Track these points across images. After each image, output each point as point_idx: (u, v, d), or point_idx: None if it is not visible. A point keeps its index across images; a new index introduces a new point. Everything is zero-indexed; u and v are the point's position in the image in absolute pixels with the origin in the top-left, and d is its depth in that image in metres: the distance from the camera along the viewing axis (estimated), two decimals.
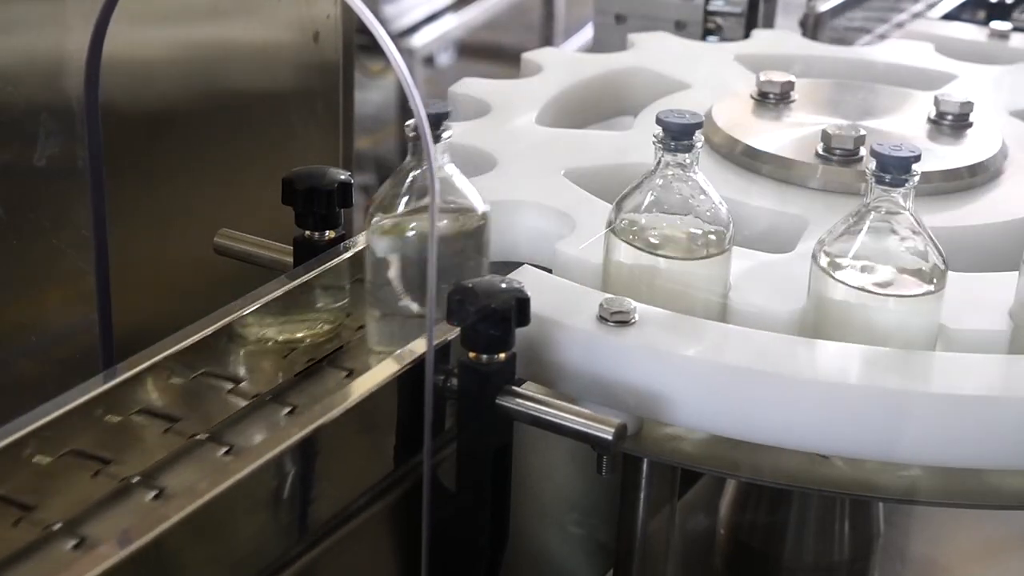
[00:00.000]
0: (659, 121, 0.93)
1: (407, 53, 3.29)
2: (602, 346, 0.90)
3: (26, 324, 1.17)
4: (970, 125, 1.17)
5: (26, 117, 1.11)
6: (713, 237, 0.94)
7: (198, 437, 0.85)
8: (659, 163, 0.94)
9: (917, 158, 0.90)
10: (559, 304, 0.92)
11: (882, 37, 1.73)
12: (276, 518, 0.82)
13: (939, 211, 1.07)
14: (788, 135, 1.15)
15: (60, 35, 1.11)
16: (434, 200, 0.84)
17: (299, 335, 0.96)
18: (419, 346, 0.90)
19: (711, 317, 0.93)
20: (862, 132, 1.11)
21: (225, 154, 1.30)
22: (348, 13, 1.38)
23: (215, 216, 1.15)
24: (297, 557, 0.85)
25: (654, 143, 0.94)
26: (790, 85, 1.22)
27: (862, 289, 0.90)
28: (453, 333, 0.88)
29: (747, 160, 1.13)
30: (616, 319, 0.90)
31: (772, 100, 1.21)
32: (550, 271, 0.99)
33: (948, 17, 1.76)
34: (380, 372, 0.88)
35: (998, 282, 0.97)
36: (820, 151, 1.11)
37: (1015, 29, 1.56)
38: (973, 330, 0.92)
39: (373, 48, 0.80)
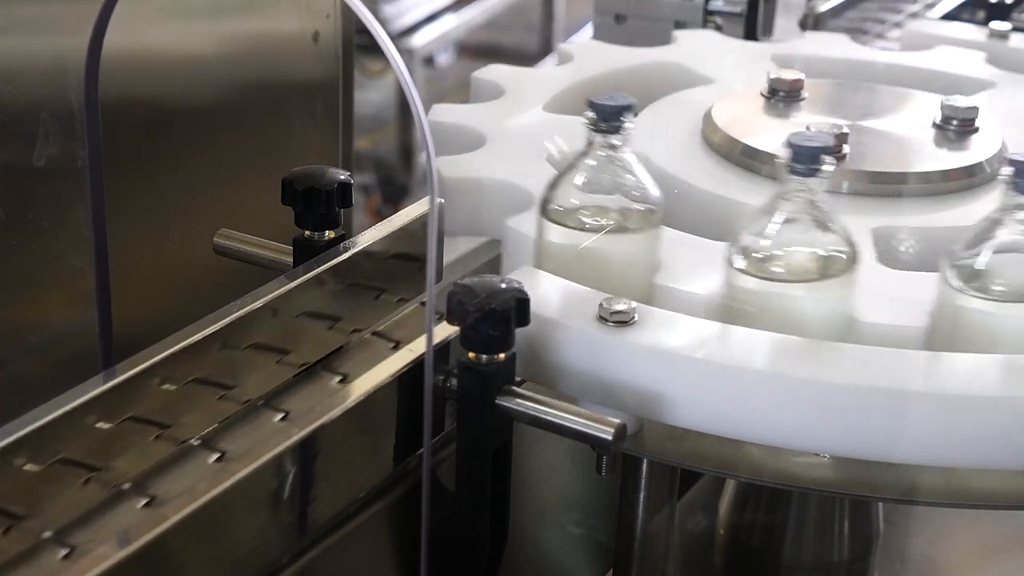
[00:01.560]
0: (590, 104, 0.95)
1: (407, 53, 3.29)
2: (602, 346, 0.90)
3: (26, 324, 1.16)
4: (976, 130, 1.16)
5: (26, 117, 1.11)
6: (641, 213, 0.95)
7: (191, 442, 0.85)
8: (590, 144, 0.96)
9: (827, 149, 0.90)
10: (559, 304, 0.92)
11: (880, 36, 1.73)
12: (276, 519, 0.83)
13: (938, 211, 1.07)
14: (780, 135, 1.15)
15: (60, 35, 1.11)
16: (434, 200, 0.84)
17: None
18: (419, 346, 0.90)
19: (637, 298, 0.93)
20: (844, 131, 1.12)
21: (225, 154, 1.30)
22: (348, 13, 1.38)
23: (215, 216, 1.15)
24: (297, 557, 0.85)
25: (585, 124, 0.96)
26: (799, 84, 1.22)
27: (770, 278, 0.91)
28: (453, 333, 0.88)
29: (745, 160, 1.13)
30: (616, 319, 0.90)
31: (781, 98, 1.21)
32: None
33: (948, 17, 1.76)
34: (379, 372, 0.88)
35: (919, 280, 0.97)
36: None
37: (1015, 29, 1.56)
38: (884, 324, 0.93)
39: (373, 48, 0.80)
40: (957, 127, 1.16)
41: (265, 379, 0.91)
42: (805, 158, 0.91)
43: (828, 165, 0.91)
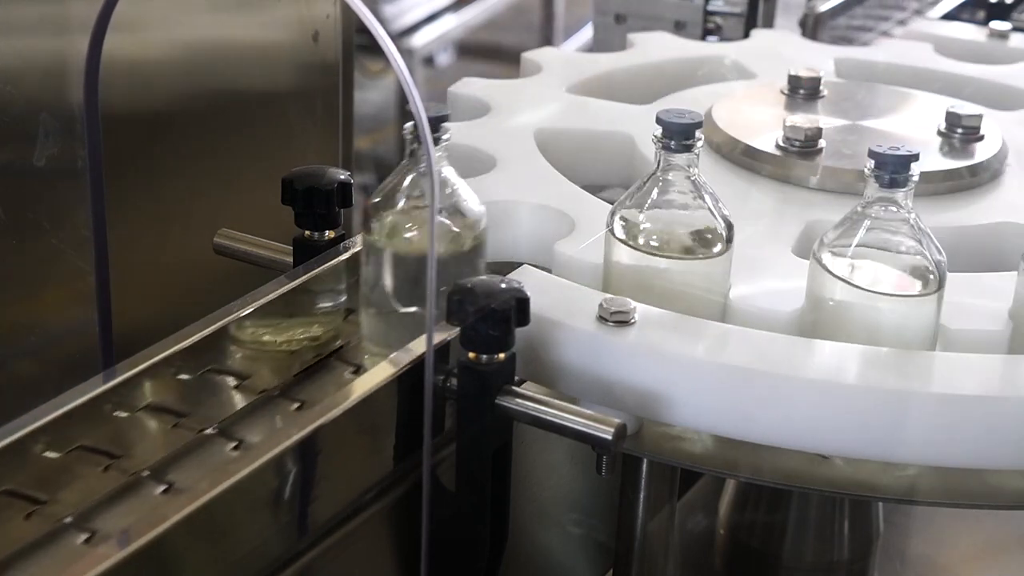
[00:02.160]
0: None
1: (407, 53, 3.29)
2: (602, 346, 0.90)
3: (26, 324, 1.17)
4: (981, 138, 1.15)
5: (26, 117, 1.11)
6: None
7: (206, 432, 0.85)
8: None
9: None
10: (559, 304, 0.92)
11: (883, 35, 1.73)
12: (276, 517, 0.82)
13: (939, 212, 1.07)
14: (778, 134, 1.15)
15: (60, 35, 1.11)
16: (434, 200, 0.84)
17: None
18: (419, 346, 0.90)
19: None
20: (818, 125, 1.12)
21: (225, 154, 1.30)
22: (348, 13, 1.38)
23: (215, 216, 1.15)
24: (297, 556, 0.85)
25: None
26: (817, 82, 1.22)
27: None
28: (453, 333, 0.88)
29: (746, 159, 1.13)
30: (616, 319, 0.90)
31: (801, 95, 1.22)
32: (549, 271, 0.99)
33: (948, 17, 1.76)
34: (380, 372, 0.88)
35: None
36: (780, 143, 1.13)
37: (1015, 29, 1.56)
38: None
39: (373, 48, 0.80)
40: (962, 135, 1.15)
41: (265, 378, 0.91)
42: (676, 134, 0.91)
43: (699, 142, 0.93)
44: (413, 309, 0.93)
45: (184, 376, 0.89)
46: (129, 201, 1.17)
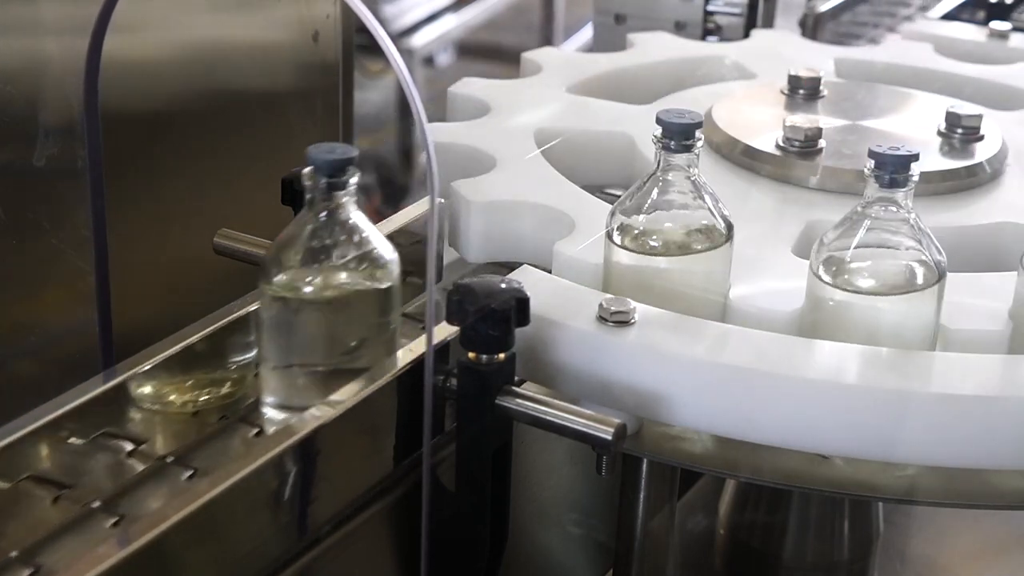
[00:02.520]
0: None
1: (407, 53, 3.29)
2: (602, 346, 0.90)
3: (26, 324, 1.16)
4: (981, 138, 1.15)
5: (26, 117, 1.11)
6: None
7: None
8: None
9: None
10: (559, 304, 0.92)
11: (885, 34, 1.73)
12: (276, 517, 0.82)
13: (938, 212, 1.07)
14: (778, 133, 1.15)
15: (60, 35, 1.11)
16: (434, 201, 0.84)
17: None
18: (418, 346, 0.90)
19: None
20: (818, 125, 1.12)
21: (225, 154, 1.30)
22: (348, 13, 1.38)
23: (215, 216, 1.15)
24: (297, 557, 0.85)
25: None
26: (816, 82, 1.22)
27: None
28: (453, 333, 0.88)
29: (746, 159, 1.13)
30: (616, 319, 0.90)
31: (801, 95, 1.22)
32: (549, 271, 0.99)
33: (948, 17, 1.76)
34: (379, 372, 0.88)
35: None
36: (780, 143, 1.13)
37: (1015, 29, 1.56)
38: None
39: (373, 48, 0.80)
40: (962, 135, 1.15)
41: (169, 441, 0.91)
42: (676, 134, 0.91)
43: (699, 142, 0.92)
44: (315, 365, 0.87)
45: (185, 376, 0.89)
46: (129, 201, 1.17)
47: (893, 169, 0.89)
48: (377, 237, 0.88)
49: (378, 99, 3.30)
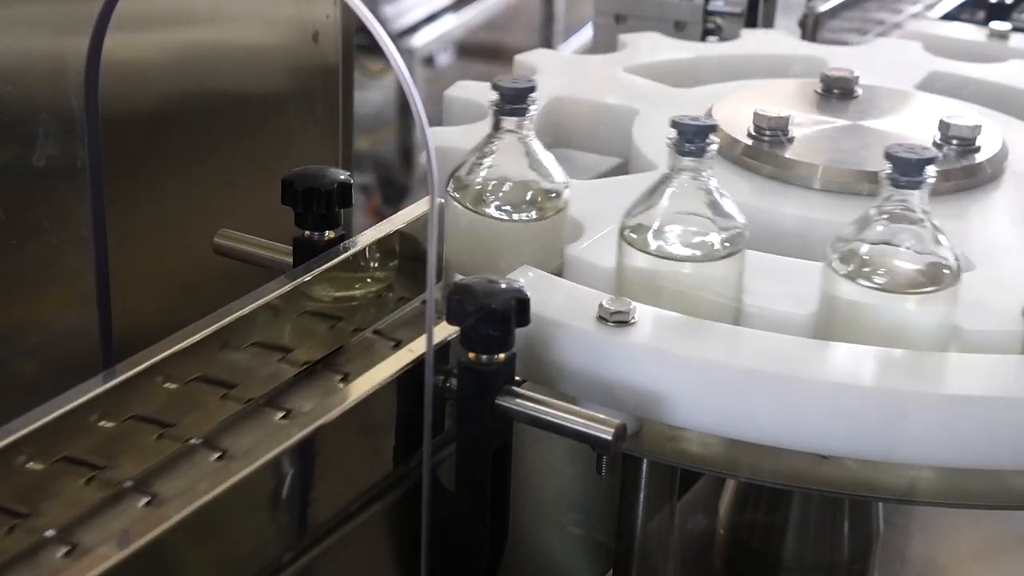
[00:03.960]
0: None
1: (407, 53, 3.29)
2: (602, 346, 0.90)
3: (26, 324, 1.17)
4: (977, 149, 1.13)
5: (26, 117, 1.11)
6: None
7: (192, 441, 0.85)
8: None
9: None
10: (559, 304, 0.92)
11: (884, 34, 1.73)
12: (276, 519, 0.82)
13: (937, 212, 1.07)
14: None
15: (60, 35, 1.11)
16: (434, 201, 0.84)
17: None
18: (418, 346, 0.90)
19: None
20: (786, 115, 1.12)
21: (225, 154, 1.30)
22: (348, 13, 1.38)
23: (215, 216, 1.15)
24: (297, 558, 0.85)
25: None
26: (850, 82, 1.22)
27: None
28: (453, 333, 0.88)
29: (745, 160, 1.13)
30: (616, 319, 0.90)
31: (836, 95, 1.22)
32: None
33: (948, 17, 1.76)
34: (379, 373, 0.88)
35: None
36: (751, 132, 1.13)
37: (1015, 29, 1.56)
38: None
39: (373, 48, 0.80)
40: (958, 146, 1.13)
41: (266, 379, 0.91)
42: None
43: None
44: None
45: (181, 379, 0.89)
46: (129, 201, 1.17)
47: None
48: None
49: (378, 99, 3.30)
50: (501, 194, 0.98)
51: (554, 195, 0.99)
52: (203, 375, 0.90)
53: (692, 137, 0.92)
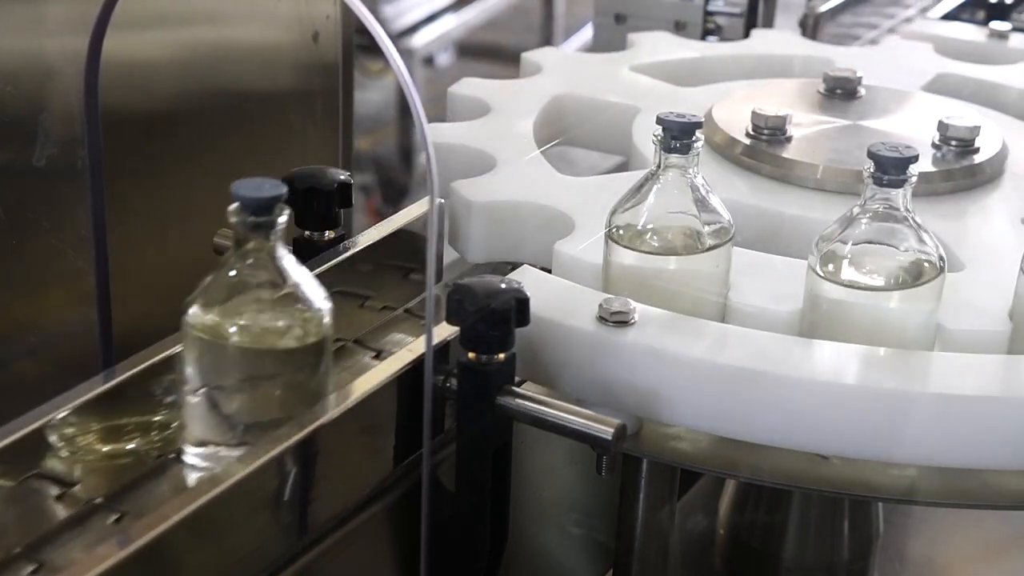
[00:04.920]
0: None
1: (407, 53, 3.29)
2: (602, 346, 0.90)
3: (26, 324, 1.16)
4: (976, 150, 1.13)
5: (26, 117, 1.11)
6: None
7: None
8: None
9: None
10: (559, 304, 0.92)
11: (882, 36, 1.73)
12: (276, 518, 0.82)
13: (938, 211, 1.07)
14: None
15: (59, 35, 1.11)
16: (433, 201, 0.84)
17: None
18: (419, 346, 0.90)
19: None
20: (783, 114, 1.13)
21: (225, 154, 1.30)
22: (348, 13, 1.38)
23: (215, 216, 1.15)
24: (297, 557, 0.85)
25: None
26: (853, 82, 1.22)
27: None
28: (453, 333, 0.88)
29: (746, 159, 1.14)
30: (616, 319, 0.90)
31: (839, 96, 1.22)
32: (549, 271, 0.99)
33: (948, 17, 1.76)
34: (380, 372, 0.88)
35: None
36: (750, 131, 1.14)
37: (1015, 29, 1.56)
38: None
39: (373, 48, 0.80)
40: (956, 147, 1.13)
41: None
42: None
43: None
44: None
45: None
46: (129, 201, 1.17)
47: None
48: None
49: (378, 99, 3.30)
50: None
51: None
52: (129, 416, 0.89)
53: (678, 134, 0.92)
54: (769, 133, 1.13)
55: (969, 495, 0.91)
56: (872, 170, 0.90)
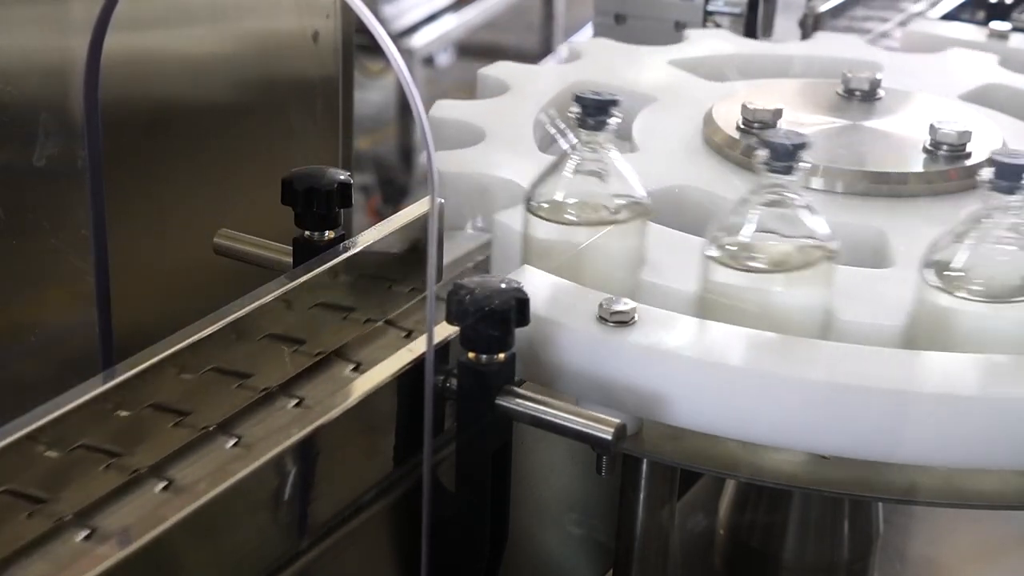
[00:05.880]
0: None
1: (407, 53, 3.29)
2: (602, 346, 0.90)
3: (26, 324, 1.16)
4: (968, 155, 1.12)
5: (26, 117, 1.11)
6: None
7: (208, 429, 0.85)
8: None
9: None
10: (559, 304, 0.92)
11: (882, 36, 1.73)
12: (276, 519, 0.83)
13: (939, 211, 1.07)
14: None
15: (60, 35, 1.11)
16: (434, 200, 0.84)
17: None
18: (419, 346, 0.90)
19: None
20: (774, 108, 1.14)
21: (225, 154, 1.30)
22: (348, 13, 1.38)
23: (215, 216, 1.15)
24: (297, 557, 0.85)
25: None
26: (870, 84, 1.22)
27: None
28: (453, 333, 0.88)
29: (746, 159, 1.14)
30: (616, 319, 0.90)
31: (857, 97, 1.23)
32: None
33: (948, 17, 1.76)
34: (380, 372, 0.88)
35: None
36: (740, 124, 1.14)
37: (1015, 29, 1.56)
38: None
39: (373, 48, 0.80)
40: (947, 152, 1.12)
41: (265, 376, 0.91)
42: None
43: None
44: None
45: (187, 375, 0.89)
46: (129, 201, 1.17)
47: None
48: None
49: (378, 99, 3.30)
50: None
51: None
52: (202, 374, 0.90)
53: (593, 111, 0.94)
54: (760, 127, 1.13)
55: (969, 495, 0.91)
56: (766, 157, 0.91)
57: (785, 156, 0.90)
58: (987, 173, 0.91)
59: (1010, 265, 0.91)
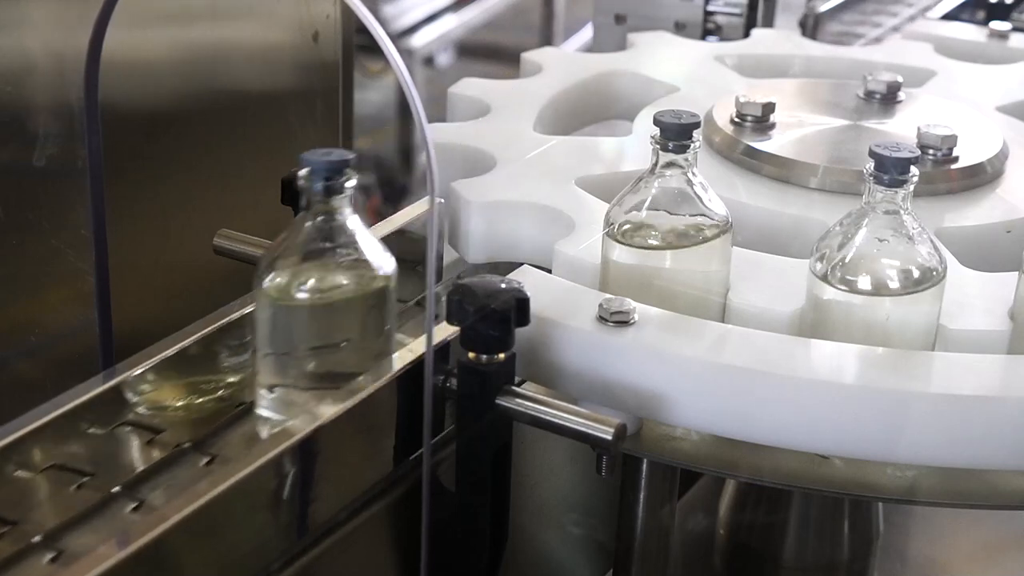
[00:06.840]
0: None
1: (407, 53, 3.29)
2: (602, 346, 0.90)
3: (26, 324, 1.17)
4: (956, 159, 1.12)
5: (26, 117, 1.11)
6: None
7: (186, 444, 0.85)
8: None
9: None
10: (559, 304, 0.92)
11: (881, 37, 1.73)
12: (276, 519, 0.82)
13: (939, 211, 1.07)
14: (789, 135, 1.15)
15: (60, 35, 1.11)
16: (434, 201, 0.84)
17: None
18: (419, 346, 0.90)
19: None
20: (770, 101, 1.15)
21: (225, 154, 1.30)
22: (348, 13, 1.38)
23: (215, 216, 1.15)
24: (297, 557, 0.85)
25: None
26: (889, 87, 1.22)
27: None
28: (453, 333, 0.88)
29: (748, 160, 1.14)
30: (616, 319, 0.90)
31: (877, 99, 1.23)
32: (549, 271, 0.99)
33: (948, 17, 1.76)
34: (380, 372, 0.88)
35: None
36: (733, 117, 1.15)
37: (1015, 29, 1.56)
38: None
39: (373, 48, 0.80)
40: (935, 155, 1.12)
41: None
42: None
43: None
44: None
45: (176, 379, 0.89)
46: (129, 201, 1.18)
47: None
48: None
49: (378, 99, 3.30)
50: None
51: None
52: (200, 375, 0.90)
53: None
54: (753, 120, 1.14)
55: (969, 495, 0.91)
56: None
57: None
58: (869, 167, 0.90)
59: (885, 259, 0.90)
